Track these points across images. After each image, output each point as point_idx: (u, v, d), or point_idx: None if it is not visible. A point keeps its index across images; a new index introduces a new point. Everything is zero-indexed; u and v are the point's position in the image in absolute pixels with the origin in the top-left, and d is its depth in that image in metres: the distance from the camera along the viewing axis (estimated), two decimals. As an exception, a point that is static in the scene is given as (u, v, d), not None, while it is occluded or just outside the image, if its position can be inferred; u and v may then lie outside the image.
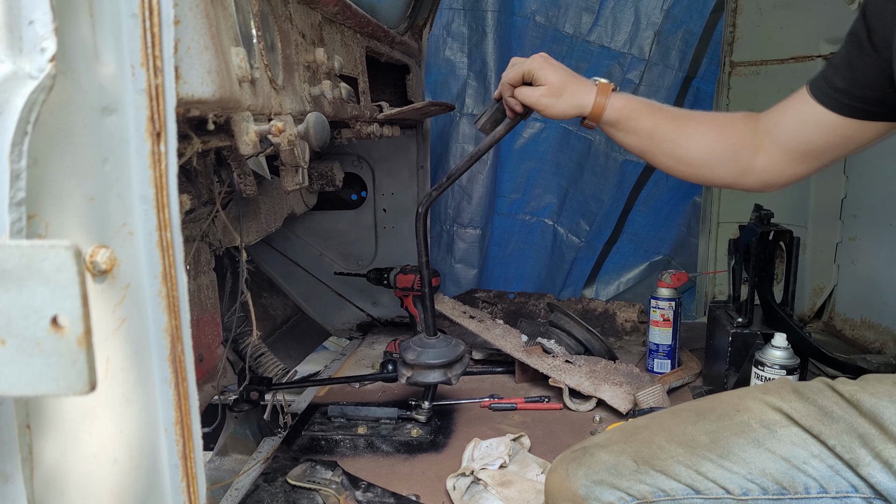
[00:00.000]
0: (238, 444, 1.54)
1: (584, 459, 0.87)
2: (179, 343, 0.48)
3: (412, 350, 1.46)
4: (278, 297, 2.40)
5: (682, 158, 1.13)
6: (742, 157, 1.09)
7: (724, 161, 1.10)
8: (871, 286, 2.08)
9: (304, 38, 1.02)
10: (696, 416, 0.89)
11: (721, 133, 1.11)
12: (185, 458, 0.49)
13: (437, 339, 1.49)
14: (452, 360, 1.47)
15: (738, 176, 1.11)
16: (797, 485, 0.82)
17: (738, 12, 2.42)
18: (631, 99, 1.17)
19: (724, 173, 1.12)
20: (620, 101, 1.16)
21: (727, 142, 1.10)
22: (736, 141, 1.09)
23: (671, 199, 2.76)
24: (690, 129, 1.12)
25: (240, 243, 1.28)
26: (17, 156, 0.37)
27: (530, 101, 1.20)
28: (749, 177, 1.10)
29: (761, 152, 1.08)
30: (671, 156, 1.14)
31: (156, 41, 0.46)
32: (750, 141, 1.09)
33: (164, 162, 0.47)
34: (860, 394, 0.85)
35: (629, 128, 1.16)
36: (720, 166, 1.11)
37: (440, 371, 1.45)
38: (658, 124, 1.13)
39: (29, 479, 0.39)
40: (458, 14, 2.62)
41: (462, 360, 1.51)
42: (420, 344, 1.48)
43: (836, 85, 0.97)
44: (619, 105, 1.15)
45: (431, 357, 1.45)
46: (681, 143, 1.12)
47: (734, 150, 1.09)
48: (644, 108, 1.15)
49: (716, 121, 1.15)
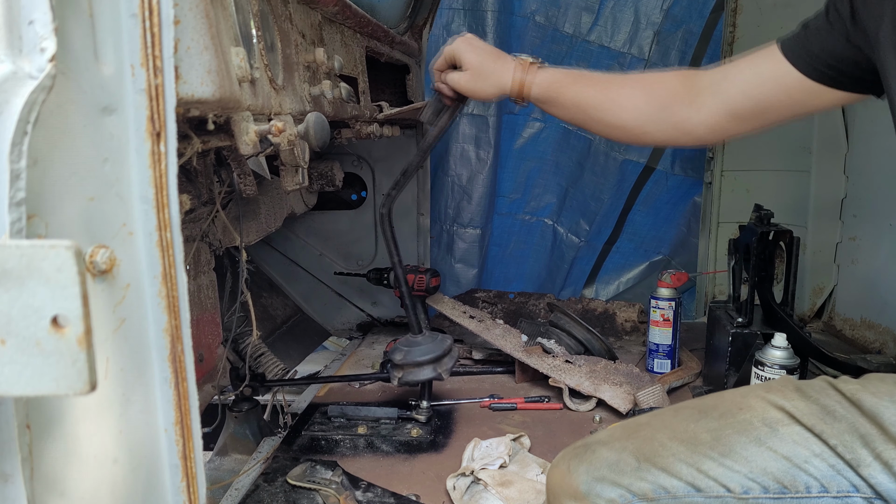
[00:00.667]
0: (238, 444, 1.54)
1: (586, 456, 0.87)
2: (179, 343, 0.48)
3: (399, 351, 1.47)
4: (278, 297, 2.40)
5: (612, 123, 1.12)
6: (674, 112, 1.08)
7: (654, 120, 1.09)
8: (871, 286, 2.08)
9: (304, 38, 1.02)
10: (698, 413, 0.89)
11: (649, 93, 1.10)
12: (185, 458, 0.49)
13: (424, 337, 1.50)
14: (440, 355, 1.47)
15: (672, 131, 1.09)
16: (798, 484, 0.81)
17: (738, 12, 2.42)
18: (557, 72, 1.16)
19: (656, 133, 1.11)
20: (545, 76, 1.15)
21: (656, 101, 1.09)
22: (665, 96, 1.08)
23: (671, 198, 2.76)
24: (616, 93, 1.12)
25: (240, 243, 1.28)
26: (17, 156, 0.37)
27: (457, 86, 1.19)
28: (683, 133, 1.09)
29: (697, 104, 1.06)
30: (602, 122, 1.13)
31: (156, 41, 0.46)
32: (684, 94, 1.07)
33: (164, 162, 0.47)
34: (861, 393, 0.85)
35: (557, 102, 1.15)
36: (651, 125, 1.10)
37: (430, 367, 1.46)
38: (583, 93, 1.13)
39: (29, 479, 0.39)
40: (458, 14, 2.61)
41: (451, 354, 1.51)
42: (407, 343, 1.49)
43: (809, 49, 0.96)
44: (543, 81, 1.14)
45: (418, 354, 1.46)
46: (609, 108, 1.12)
47: (664, 105, 1.08)
48: (569, 80, 1.15)
49: (644, 81, 1.13)
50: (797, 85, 0.98)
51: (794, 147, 2.33)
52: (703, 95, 1.06)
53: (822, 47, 0.96)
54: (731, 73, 1.05)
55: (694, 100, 1.06)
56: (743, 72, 1.03)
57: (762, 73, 1.01)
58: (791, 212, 2.17)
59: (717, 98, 1.04)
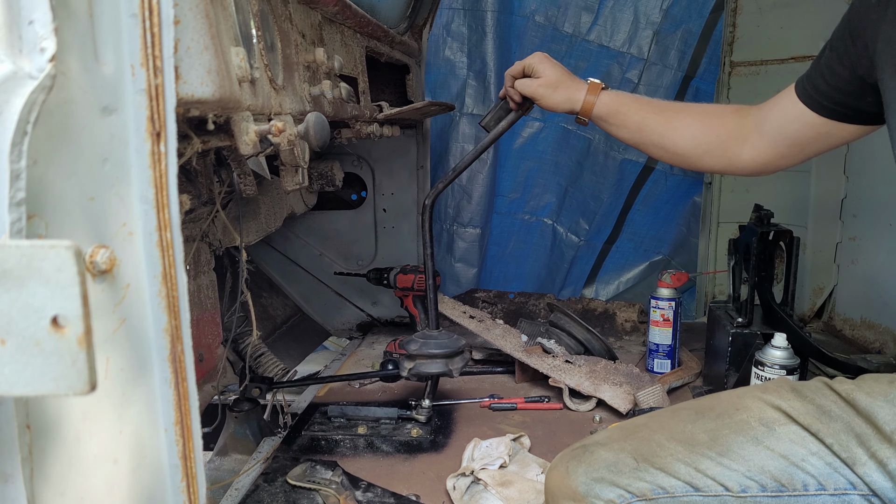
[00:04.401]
0: (238, 444, 1.54)
1: (585, 457, 0.87)
2: (179, 343, 0.48)
3: (415, 342, 1.51)
4: (278, 297, 2.40)
5: (669, 149, 1.22)
6: (728, 148, 1.17)
7: (710, 151, 1.19)
8: (871, 286, 2.08)
9: (304, 38, 1.02)
10: (695, 414, 0.90)
11: (707, 126, 1.19)
12: (185, 458, 0.49)
13: (440, 333, 1.55)
14: (454, 352, 1.51)
15: (725, 165, 1.20)
16: (796, 482, 0.82)
17: (737, 12, 2.42)
18: (620, 95, 1.27)
19: (711, 162, 1.21)
20: (609, 98, 1.26)
21: (713, 134, 1.18)
22: (722, 133, 1.18)
23: (671, 198, 2.76)
24: (677, 121, 1.21)
25: (240, 243, 1.27)
26: (17, 156, 0.37)
27: (528, 90, 1.31)
28: (736, 165, 1.19)
29: (748, 144, 1.16)
30: (660, 146, 1.23)
31: (156, 41, 0.46)
32: (738, 133, 1.16)
33: (164, 162, 0.47)
34: (856, 393, 0.86)
35: (619, 122, 1.26)
36: (707, 156, 1.20)
37: (442, 362, 1.49)
38: (646, 118, 1.23)
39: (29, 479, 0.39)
40: (458, 14, 2.61)
41: (463, 355, 1.55)
42: (423, 336, 1.53)
43: (818, 87, 1.03)
44: (608, 101, 1.25)
45: (434, 347, 1.49)
46: (668, 135, 1.21)
47: (720, 141, 1.18)
48: (632, 104, 1.25)
49: (704, 113, 1.23)
50: (817, 123, 1.05)
51: (793, 147, 2.32)
52: (751, 133, 1.15)
53: (829, 85, 1.01)
54: (768, 113, 1.13)
55: (745, 139, 1.16)
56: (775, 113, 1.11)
57: (787, 114, 1.09)
58: (791, 212, 2.17)
59: (761, 138, 1.14)
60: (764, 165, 1.16)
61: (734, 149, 1.17)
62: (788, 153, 1.12)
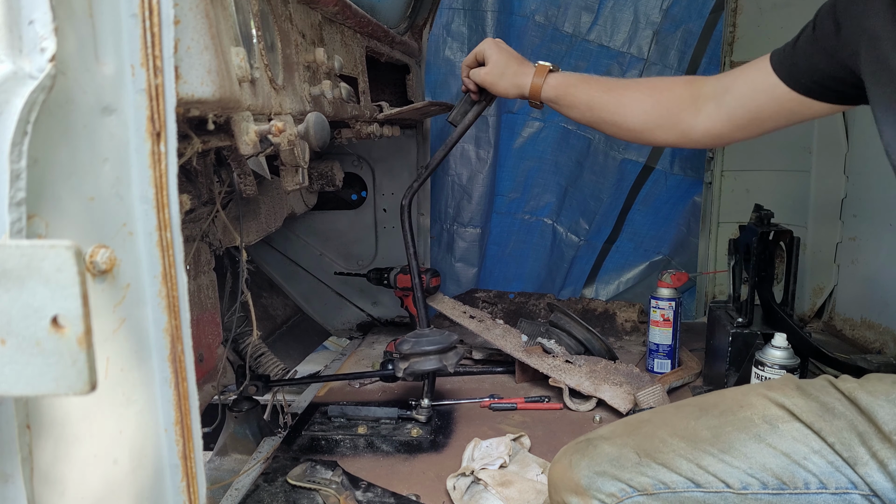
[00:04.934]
0: (238, 444, 1.54)
1: (588, 451, 0.87)
2: (179, 343, 0.48)
3: (407, 341, 1.52)
4: (278, 297, 2.40)
5: (621, 125, 1.22)
6: (681, 119, 1.16)
7: (661, 125, 1.18)
8: (871, 286, 2.08)
9: (304, 38, 1.02)
10: (699, 411, 0.90)
11: (657, 99, 1.18)
12: (185, 458, 0.49)
13: (431, 330, 1.57)
14: (447, 348, 1.51)
15: (678, 136, 1.18)
16: (797, 480, 0.82)
17: (738, 12, 2.42)
18: (569, 76, 1.27)
19: (663, 136, 1.20)
20: (557, 80, 1.26)
21: (663, 107, 1.17)
22: (673, 105, 1.17)
23: (671, 198, 2.76)
24: (626, 97, 1.21)
25: (240, 243, 1.28)
26: (17, 156, 0.37)
27: (478, 78, 1.33)
28: (690, 137, 1.17)
29: (702, 114, 1.14)
30: (611, 123, 1.23)
31: (156, 41, 0.46)
32: (690, 104, 1.15)
33: (164, 162, 0.47)
34: (858, 392, 0.86)
35: (568, 103, 1.26)
36: (658, 129, 1.19)
37: (436, 358, 1.49)
38: (595, 96, 1.23)
39: (29, 479, 0.39)
40: (458, 14, 2.61)
41: (456, 350, 1.55)
42: (415, 335, 1.54)
43: (796, 63, 1.02)
44: (556, 83, 1.26)
45: (426, 344, 1.50)
46: (618, 111, 1.21)
47: (671, 114, 1.17)
48: (581, 83, 1.25)
49: (654, 87, 1.22)
50: (786, 97, 1.03)
51: (794, 147, 2.33)
52: (706, 104, 1.13)
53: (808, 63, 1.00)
54: (731, 84, 1.11)
55: (698, 108, 1.14)
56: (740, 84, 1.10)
57: (756, 85, 1.07)
58: (791, 212, 2.17)
59: (719, 108, 1.11)
60: (718, 137, 1.14)
61: (687, 120, 1.15)
62: (747, 125, 1.10)
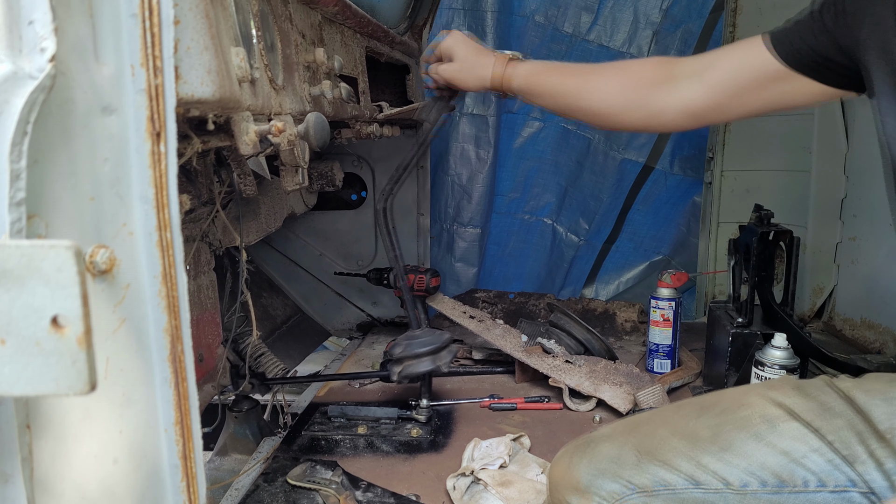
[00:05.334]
0: (238, 444, 1.54)
1: (588, 450, 0.88)
2: (179, 343, 0.48)
3: (399, 345, 1.52)
4: (278, 297, 2.40)
5: (590, 110, 1.18)
6: (651, 100, 1.11)
7: (629, 107, 1.14)
8: (871, 286, 2.08)
9: (304, 38, 1.02)
10: (699, 410, 0.90)
11: (625, 81, 1.14)
12: (185, 458, 0.49)
13: (423, 331, 1.55)
14: (439, 348, 1.50)
15: (647, 119, 1.13)
16: (796, 478, 0.82)
17: (737, 12, 2.42)
18: (536, 64, 1.23)
19: (631, 118, 1.15)
20: (525, 69, 1.21)
21: (632, 88, 1.13)
22: (642, 86, 1.12)
23: (670, 198, 2.76)
24: (594, 80, 1.17)
25: (240, 243, 1.28)
26: (17, 156, 0.37)
27: (445, 75, 1.27)
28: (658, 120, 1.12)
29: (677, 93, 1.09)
30: (580, 109, 1.19)
31: (156, 41, 0.46)
32: (662, 83, 1.10)
33: (164, 162, 0.47)
34: (855, 391, 0.86)
35: (536, 91, 1.21)
36: (626, 112, 1.14)
37: (429, 359, 1.49)
38: (562, 82, 1.19)
39: (29, 479, 0.39)
40: (458, 14, 2.61)
41: (449, 349, 1.54)
42: (406, 338, 1.53)
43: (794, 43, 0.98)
44: (524, 72, 1.21)
45: (417, 346, 1.49)
46: (585, 96, 1.17)
47: (640, 95, 1.12)
48: (548, 71, 1.21)
49: (621, 68, 1.19)
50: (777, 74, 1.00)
51: (794, 147, 2.33)
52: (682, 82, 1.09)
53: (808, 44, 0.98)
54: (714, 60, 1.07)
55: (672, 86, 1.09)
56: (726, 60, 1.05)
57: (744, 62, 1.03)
58: (791, 212, 2.16)
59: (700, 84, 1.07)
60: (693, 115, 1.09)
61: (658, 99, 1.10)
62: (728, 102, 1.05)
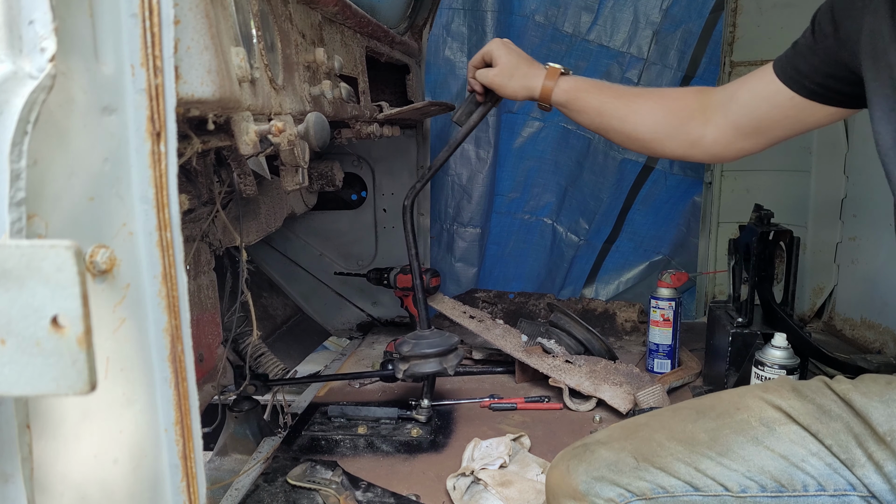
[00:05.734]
0: (238, 444, 1.54)
1: (585, 456, 0.87)
2: (179, 343, 0.48)
3: (407, 343, 1.52)
4: (278, 297, 2.40)
5: (630, 134, 1.20)
6: (690, 130, 1.14)
7: (671, 135, 1.16)
8: (871, 286, 2.08)
9: (304, 38, 1.02)
10: (696, 414, 0.90)
11: (668, 108, 1.17)
12: (185, 458, 0.49)
13: (432, 332, 1.56)
14: (447, 350, 1.51)
15: (687, 149, 1.17)
16: (795, 483, 0.82)
17: (738, 12, 2.42)
18: (580, 81, 1.25)
19: (672, 146, 1.18)
20: (568, 84, 1.24)
21: (674, 117, 1.16)
22: (683, 115, 1.15)
23: (670, 198, 2.76)
24: (637, 105, 1.19)
25: (240, 243, 1.28)
26: (17, 156, 0.37)
27: (486, 79, 1.30)
28: (697, 149, 1.16)
29: (710, 125, 1.12)
30: (620, 131, 1.21)
31: (156, 41, 0.46)
32: (699, 115, 1.14)
33: (164, 162, 0.47)
34: (852, 393, 0.86)
35: (578, 108, 1.24)
36: (668, 140, 1.17)
37: (436, 360, 1.49)
38: (605, 102, 1.21)
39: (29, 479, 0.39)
40: (458, 14, 2.61)
41: (457, 352, 1.55)
42: (415, 337, 1.54)
43: (798, 67, 1.01)
44: (567, 87, 1.24)
45: (426, 347, 1.49)
46: (628, 119, 1.19)
47: (681, 124, 1.15)
48: (592, 88, 1.24)
49: (664, 96, 1.21)
50: (790, 103, 1.03)
51: (794, 147, 2.32)
52: (714, 113, 1.12)
53: (809, 65, 1.00)
54: (736, 92, 1.10)
55: (707, 118, 1.13)
56: (744, 91, 1.09)
57: (759, 92, 1.06)
58: (791, 212, 2.16)
59: (726, 117, 1.10)
60: (725, 147, 1.13)
61: (696, 130, 1.14)
62: (752, 134, 1.09)
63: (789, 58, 1.03)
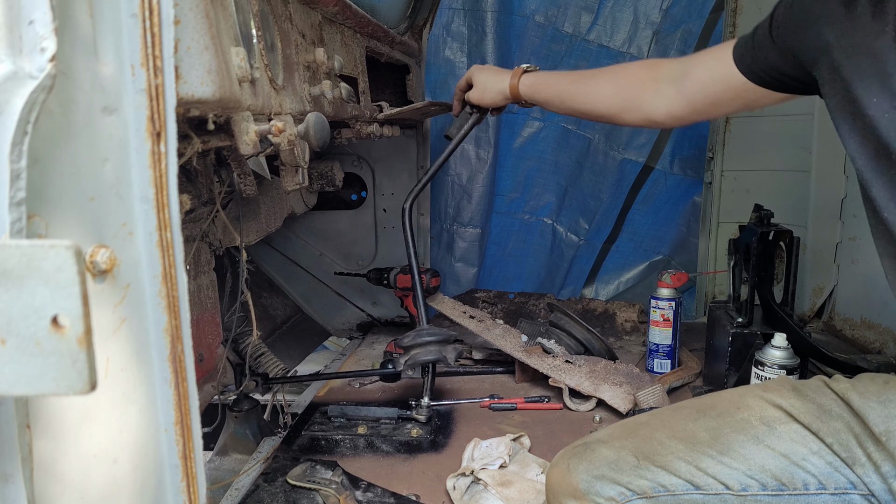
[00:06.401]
0: (238, 444, 1.54)
1: (586, 455, 0.87)
2: (179, 343, 0.48)
3: (407, 336, 1.60)
4: (278, 297, 2.40)
5: (590, 112, 1.33)
6: (643, 101, 1.23)
7: (626, 108, 1.26)
8: (871, 286, 2.08)
9: (304, 38, 1.02)
10: (696, 413, 0.90)
11: (619, 85, 1.27)
12: (185, 458, 0.49)
13: (430, 327, 1.63)
14: (445, 339, 1.59)
15: (643, 119, 1.25)
16: (796, 481, 0.82)
17: (738, 12, 2.42)
18: (540, 74, 1.40)
19: (630, 118, 1.27)
20: (530, 78, 1.39)
21: (625, 90, 1.26)
22: (634, 88, 1.25)
23: (670, 198, 2.76)
24: (591, 86, 1.31)
25: (240, 243, 1.28)
26: (17, 156, 0.37)
27: (472, 98, 1.51)
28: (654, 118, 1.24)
29: (662, 97, 1.20)
30: (583, 112, 1.34)
31: (156, 41, 0.46)
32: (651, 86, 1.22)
33: (164, 162, 0.47)
34: (850, 392, 0.86)
35: (543, 98, 1.38)
36: (625, 113, 1.27)
37: (436, 349, 1.56)
38: (563, 89, 1.35)
39: (29, 479, 0.39)
40: (458, 14, 2.61)
41: (454, 346, 1.61)
42: (415, 331, 1.61)
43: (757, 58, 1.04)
44: (529, 81, 1.39)
45: (426, 335, 1.57)
46: (586, 100, 1.31)
47: (632, 96, 1.25)
48: (550, 78, 1.38)
49: (615, 73, 1.32)
50: (743, 87, 1.07)
51: (794, 147, 2.33)
52: (665, 86, 1.20)
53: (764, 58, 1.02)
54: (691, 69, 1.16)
55: (658, 90, 1.21)
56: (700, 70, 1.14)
57: (715, 73, 1.11)
58: (791, 212, 2.16)
59: (679, 92, 1.18)
60: (679, 119, 1.21)
61: (648, 102, 1.22)
62: (705, 110, 1.17)
63: (748, 47, 1.05)
